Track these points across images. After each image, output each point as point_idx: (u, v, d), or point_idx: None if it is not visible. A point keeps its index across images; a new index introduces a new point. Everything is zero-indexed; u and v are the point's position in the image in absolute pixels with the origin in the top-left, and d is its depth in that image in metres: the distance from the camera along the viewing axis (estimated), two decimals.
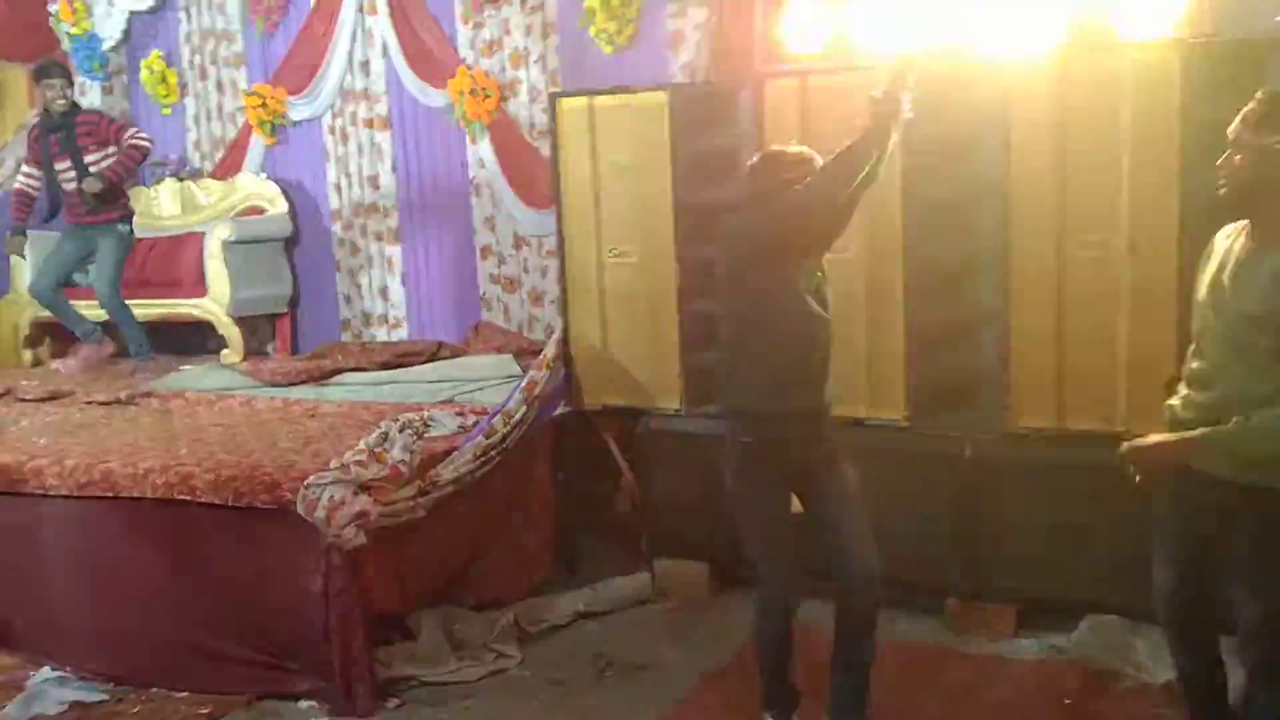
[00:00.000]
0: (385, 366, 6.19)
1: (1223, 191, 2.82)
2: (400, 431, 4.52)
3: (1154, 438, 2.88)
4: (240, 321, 7.18)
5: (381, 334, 7.35)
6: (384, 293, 7.35)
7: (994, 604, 4.33)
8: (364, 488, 4.00)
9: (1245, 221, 2.84)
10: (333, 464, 4.13)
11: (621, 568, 4.96)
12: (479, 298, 6.95)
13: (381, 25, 7.00)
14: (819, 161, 3.31)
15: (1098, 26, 4.18)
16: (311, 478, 4.01)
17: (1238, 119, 2.77)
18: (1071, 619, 4.19)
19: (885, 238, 4.38)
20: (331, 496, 3.91)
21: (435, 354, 6.40)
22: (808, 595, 3.43)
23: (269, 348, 7.61)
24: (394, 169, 7.18)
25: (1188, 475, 2.88)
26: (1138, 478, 2.89)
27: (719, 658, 4.23)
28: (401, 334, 7.27)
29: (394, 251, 7.26)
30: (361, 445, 4.30)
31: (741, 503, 3.43)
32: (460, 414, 4.93)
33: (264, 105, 7.42)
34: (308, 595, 4.01)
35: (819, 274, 3.38)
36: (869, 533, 3.38)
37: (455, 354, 6.36)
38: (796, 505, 3.43)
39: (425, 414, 4.80)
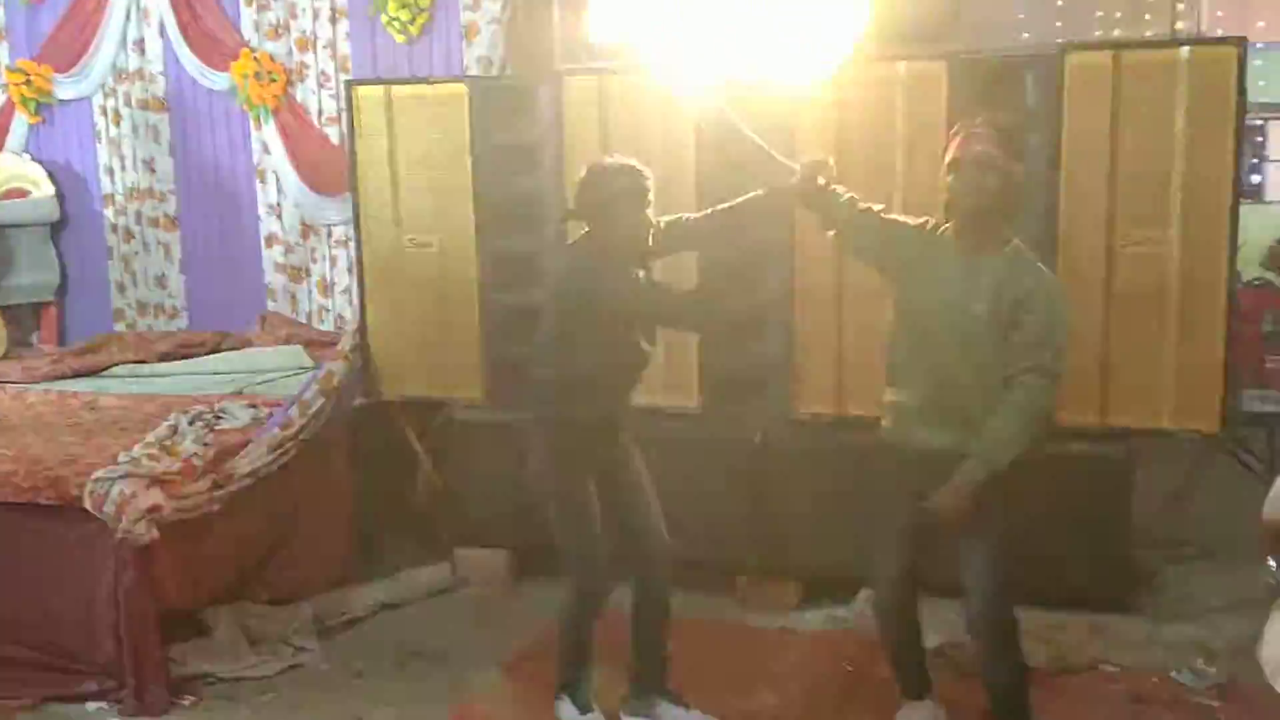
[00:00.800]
0: (166, 358, 5.96)
1: (965, 204, 3.11)
2: (190, 424, 4.39)
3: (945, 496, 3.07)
4: (2, 311, 6.74)
5: (159, 324, 7.05)
6: (161, 281, 7.06)
7: (780, 580, 4.58)
8: (156, 481, 3.87)
9: (943, 228, 3.18)
10: (121, 457, 3.98)
11: (422, 559, 4.97)
12: (264, 287, 6.77)
13: (158, 3, 6.72)
14: (645, 174, 3.38)
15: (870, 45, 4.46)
16: (100, 471, 3.86)
17: (982, 140, 3.06)
18: (851, 591, 4.47)
19: None
20: (121, 491, 3.77)
21: (219, 345, 6.21)
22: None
23: (33, 338, 7.18)
24: (171, 152, 6.91)
25: (908, 462, 3.20)
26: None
27: (520, 642, 4.31)
28: (181, 324, 7.00)
29: (172, 238, 6.99)
30: (151, 438, 4.16)
31: (556, 496, 3.50)
32: (253, 406, 4.82)
33: (28, 83, 6.99)
34: (96, 593, 3.86)
35: None
36: (662, 519, 3.57)
37: (240, 345, 6.18)
38: None
39: (216, 406, 4.67)
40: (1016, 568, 3.21)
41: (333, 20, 6.42)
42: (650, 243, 3.39)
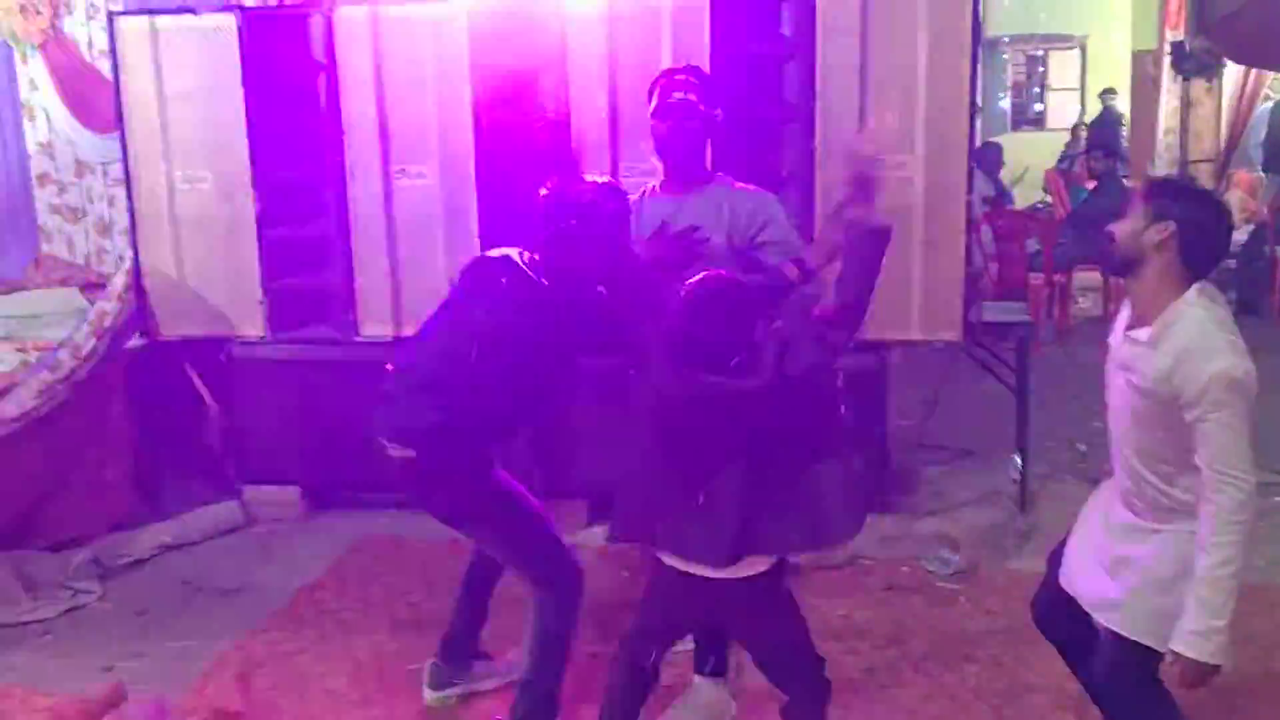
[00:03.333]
0: None
1: (672, 149, 3.31)
2: None
3: None
4: None
5: None
6: None
7: (568, 500, 4.75)
8: None
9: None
10: None
11: (210, 499, 4.94)
12: (37, 229, 6.49)
13: None
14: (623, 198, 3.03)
15: None
16: None
17: (683, 87, 3.26)
18: None
19: (458, 167, 4.59)
20: None
21: None
22: None
23: None
24: None
25: None
26: None
27: (312, 574, 4.35)
28: None
29: None
30: None
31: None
32: (21, 350, 4.67)
33: None
34: None
35: None
36: None
37: (12, 290, 5.92)
38: None
39: None
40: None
41: None
42: None
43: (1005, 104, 16.15)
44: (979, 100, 4.47)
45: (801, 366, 2.51)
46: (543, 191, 2.98)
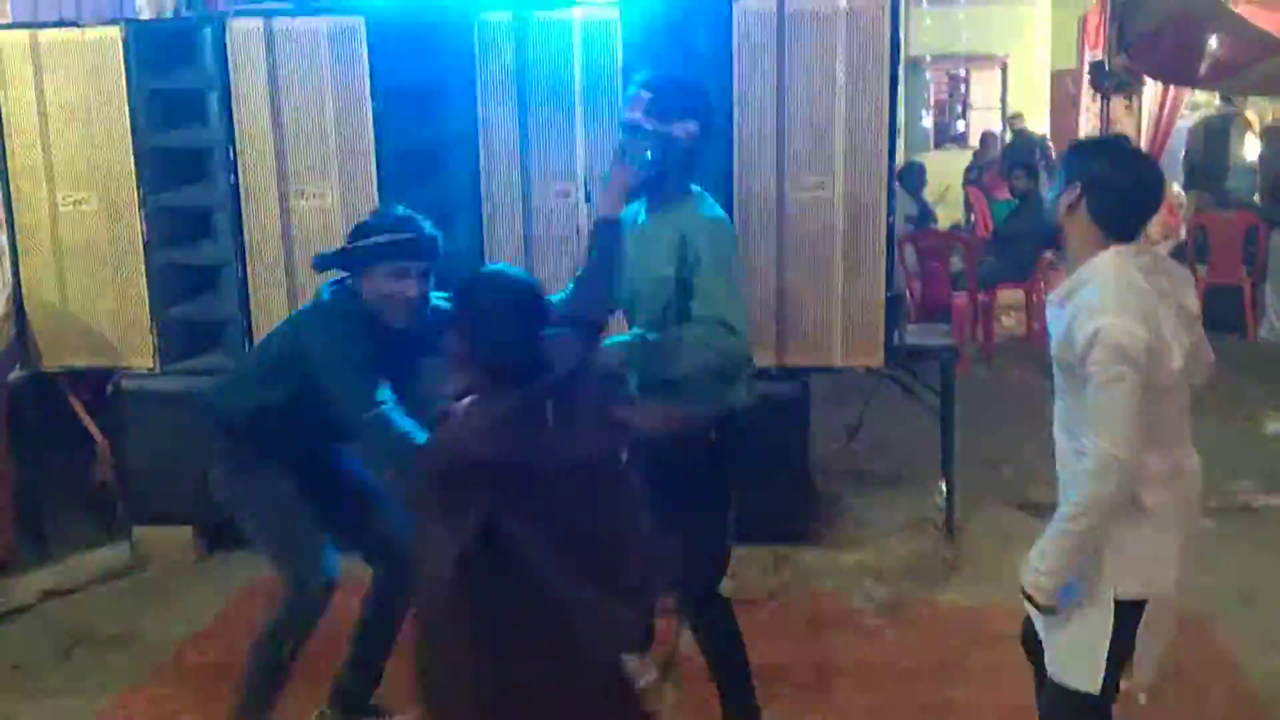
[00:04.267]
0: None
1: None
2: None
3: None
4: None
5: None
6: None
7: None
8: None
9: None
10: None
11: (97, 541, 4.65)
12: None
13: None
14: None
15: None
16: None
17: (634, 105, 2.89)
18: None
19: (360, 186, 4.38)
20: None
21: None
22: None
23: None
24: None
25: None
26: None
27: (202, 621, 4.09)
28: None
29: None
30: None
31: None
32: None
33: None
34: None
35: None
36: None
37: None
38: None
39: None
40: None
41: None
42: None
43: (927, 123, 16.27)
44: (900, 119, 4.36)
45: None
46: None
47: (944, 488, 4.74)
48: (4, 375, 4.54)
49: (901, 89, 4.28)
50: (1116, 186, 2.32)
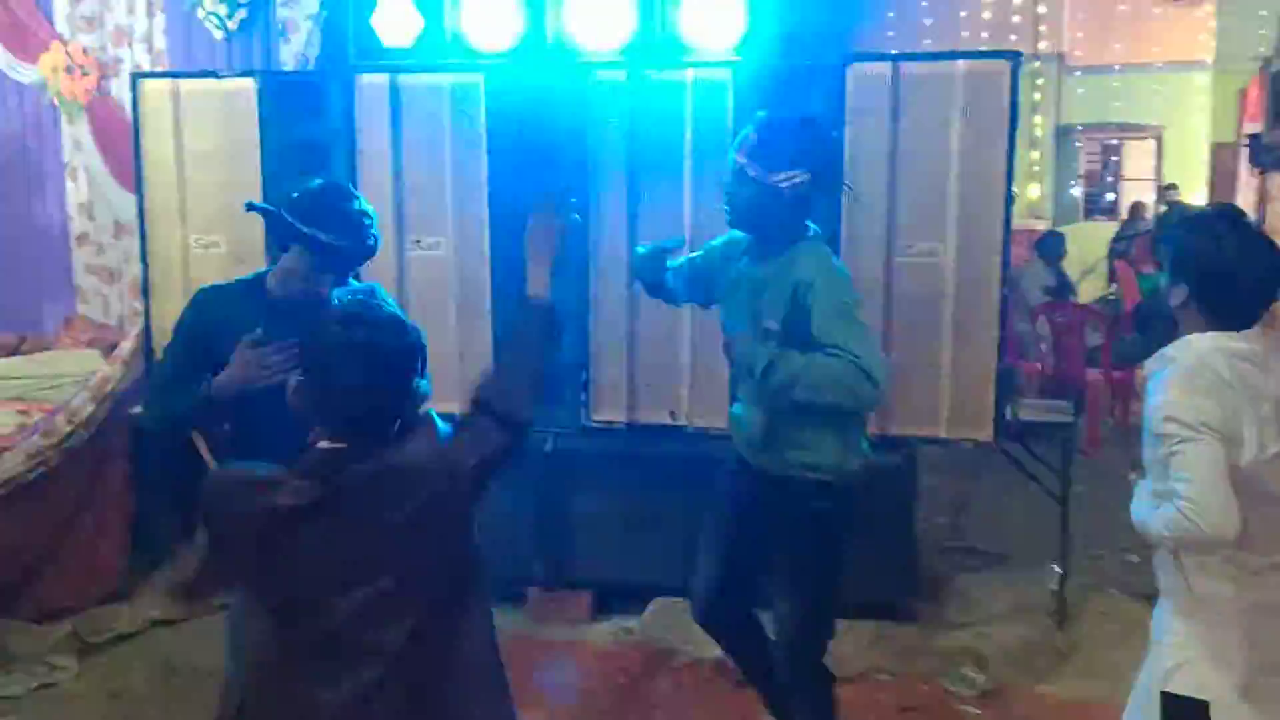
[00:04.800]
0: None
1: (728, 217, 2.96)
2: None
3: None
4: None
5: None
6: None
7: (572, 591, 4.50)
8: None
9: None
10: None
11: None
12: (74, 289, 6.48)
13: None
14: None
15: (663, 45, 4.45)
16: None
17: (741, 149, 2.86)
18: (642, 602, 4.41)
19: (473, 235, 4.46)
20: None
21: (16, 349, 5.91)
22: None
23: None
24: None
25: (733, 473, 3.08)
26: None
27: None
28: None
29: None
30: None
31: None
32: (24, 412, 4.58)
33: None
34: None
35: None
36: None
37: (37, 349, 5.89)
38: None
39: None
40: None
41: (149, 14, 6.19)
42: None
43: (1077, 193, 15.79)
44: (1047, 188, 4.21)
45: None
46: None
47: (1057, 571, 4.50)
48: (129, 409, 4.71)
49: (1049, 157, 4.16)
50: (1222, 275, 2.19)
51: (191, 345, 2.92)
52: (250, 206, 3.02)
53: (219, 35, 6.02)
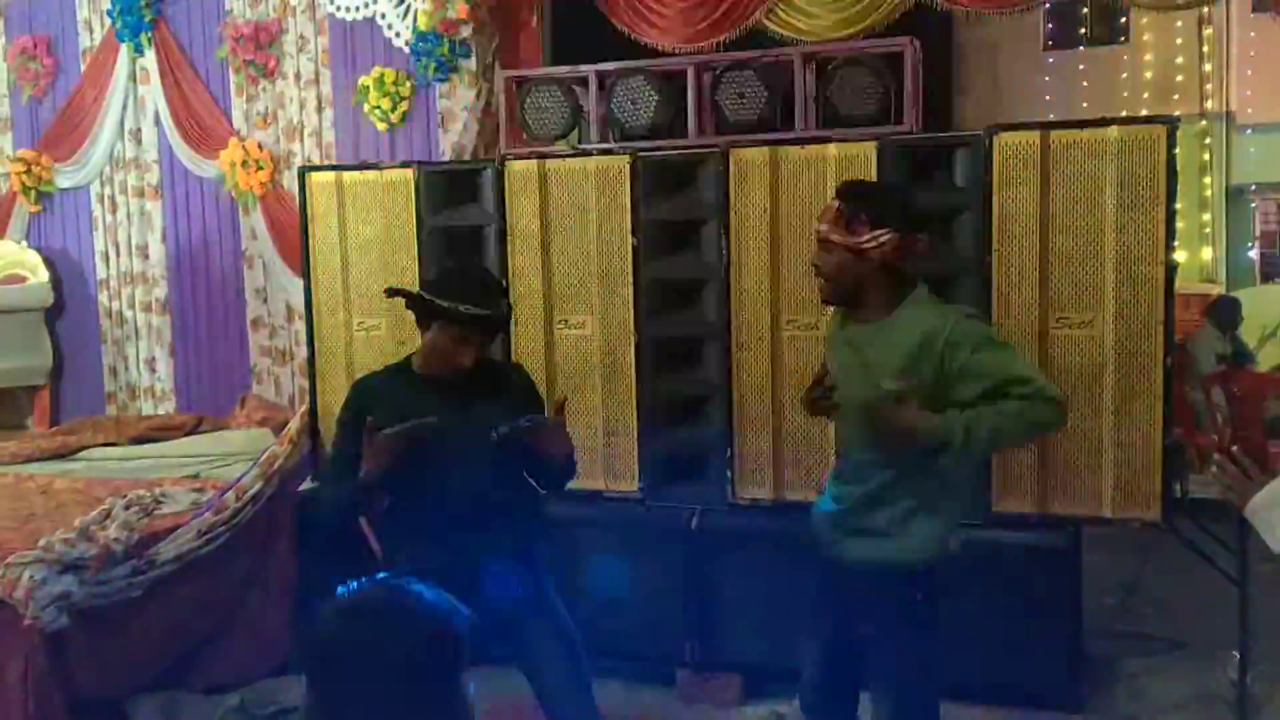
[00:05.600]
0: (137, 441, 6.00)
1: (820, 285, 2.95)
2: (126, 509, 4.38)
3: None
4: None
5: (148, 407, 7.13)
6: (151, 364, 7.16)
7: (721, 673, 4.44)
8: (69, 567, 3.86)
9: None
10: (40, 542, 3.98)
11: None
12: (249, 370, 6.84)
13: (154, 94, 6.91)
14: None
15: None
16: (13, 556, 3.85)
17: (825, 217, 2.86)
18: (794, 684, 4.30)
19: (620, 314, 4.52)
20: (31, 576, 3.76)
21: (194, 428, 6.24)
22: None
23: (28, 422, 7.30)
24: (163, 239, 7.05)
25: (827, 566, 3.01)
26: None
27: None
28: (169, 407, 7.07)
29: (162, 322, 7.10)
30: (77, 523, 4.15)
31: None
32: (199, 489, 4.82)
33: (28, 172, 7.21)
34: (6, 679, 3.82)
35: None
36: None
37: (215, 428, 6.21)
38: None
39: (157, 490, 4.67)
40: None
41: (319, 109, 6.56)
42: None
43: (1253, 254, 15.03)
44: (1221, 252, 4.04)
45: None
46: None
47: (1238, 660, 4.22)
48: (295, 486, 4.91)
49: (1221, 219, 4.00)
50: None
51: (352, 435, 3.08)
52: (391, 292, 3.15)
53: (383, 128, 6.34)
